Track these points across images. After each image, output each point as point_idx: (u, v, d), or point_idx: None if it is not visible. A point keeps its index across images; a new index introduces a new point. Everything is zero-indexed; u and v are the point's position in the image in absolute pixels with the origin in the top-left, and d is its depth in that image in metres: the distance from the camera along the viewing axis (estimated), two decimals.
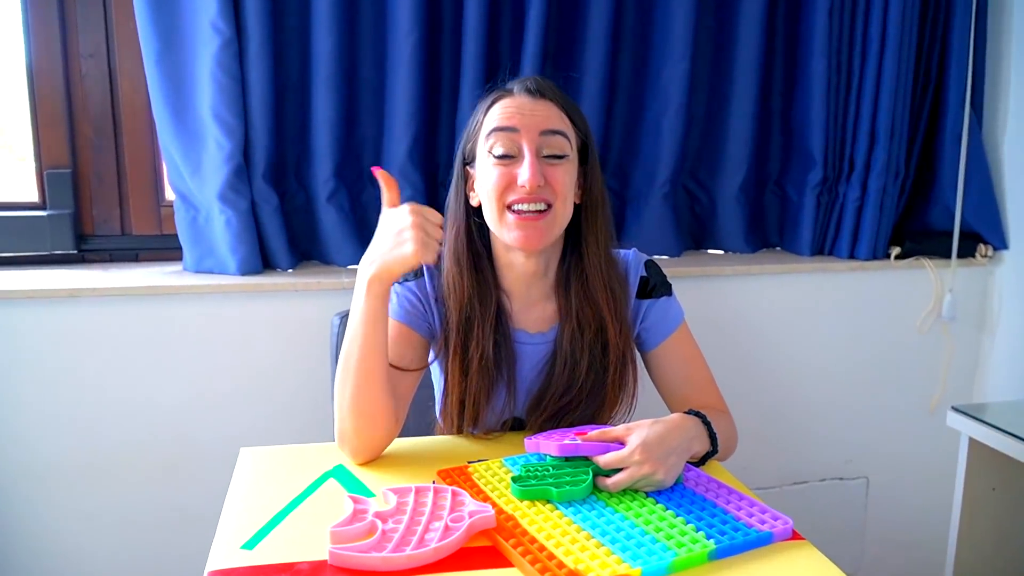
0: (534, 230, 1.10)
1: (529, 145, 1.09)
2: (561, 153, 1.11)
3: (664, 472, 0.96)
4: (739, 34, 1.84)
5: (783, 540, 0.90)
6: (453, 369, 1.15)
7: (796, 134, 1.94)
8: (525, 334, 1.20)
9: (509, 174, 1.10)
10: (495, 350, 1.15)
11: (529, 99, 1.12)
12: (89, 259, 1.77)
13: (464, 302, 1.15)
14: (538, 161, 1.09)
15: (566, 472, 0.98)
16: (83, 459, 1.62)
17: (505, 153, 1.10)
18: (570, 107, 1.16)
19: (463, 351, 1.14)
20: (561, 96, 1.16)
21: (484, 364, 1.14)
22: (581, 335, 1.17)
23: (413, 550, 0.82)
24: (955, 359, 2.05)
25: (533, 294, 1.21)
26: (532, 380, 1.20)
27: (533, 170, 1.07)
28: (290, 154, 1.72)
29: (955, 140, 1.92)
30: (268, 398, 1.68)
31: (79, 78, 1.71)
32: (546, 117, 1.11)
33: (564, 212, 1.13)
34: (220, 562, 0.83)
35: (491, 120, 1.13)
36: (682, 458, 1.00)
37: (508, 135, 1.10)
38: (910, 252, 1.96)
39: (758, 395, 1.96)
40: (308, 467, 1.06)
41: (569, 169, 1.13)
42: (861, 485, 2.07)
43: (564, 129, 1.12)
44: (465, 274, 1.15)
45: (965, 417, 1.45)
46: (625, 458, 0.96)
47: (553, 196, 1.10)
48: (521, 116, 1.10)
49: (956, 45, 1.89)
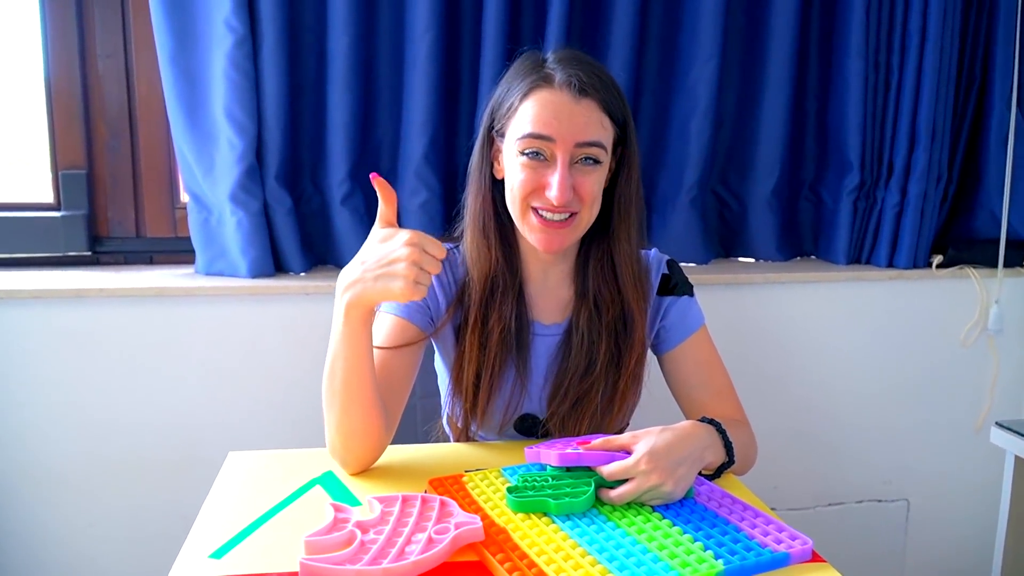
0: (556, 236, 1.05)
1: (563, 156, 1.02)
2: (596, 159, 1.04)
3: (673, 483, 0.89)
4: (771, 32, 1.76)
5: (801, 562, 0.82)
6: (472, 341, 1.09)
7: (831, 136, 1.85)
8: (540, 325, 1.15)
9: (537, 179, 1.03)
10: (516, 328, 1.10)
11: (571, 98, 1.02)
12: (103, 261, 1.76)
13: (491, 272, 1.09)
14: (569, 173, 1.02)
15: (566, 483, 0.91)
16: (89, 461, 1.59)
17: (536, 152, 1.03)
18: (612, 100, 1.06)
19: (483, 323, 1.09)
20: (604, 88, 1.05)
21: (504, 340, 1.09)
22: (599, 317, 1.11)
23: (390, 563, 0.76)
24: (1002, 374, 1.92)
25: (550, 280, 1.16)
26: (545, 371, 1.15)
27: (563, 187, 1.01)
28: (304, 155, 1.69)
29: (1001, 142, 1.82)
30: (278, 402, 1.64)
31: (96, 79, 1.70)
32: (585, 124, 1.02)
33: (589, 217, 1.08)
34: (184, 571, 0.77)
35: (526, 114, 1.03)
36: (693, 469, 0.92)
37: (542, 143, 1.02)
38: (953, 261, 1.85)
39: (791, 410, 1.86)
40: (296, 473, 1.01)
41: (600, 177, 1.06)
42: (901, 508, 1.95)
43: (602, 138, 1.04)
44: (494, 244, 1.10)
45: (1010, 433, 1.35)
46: (631, 468, 0.89)
47: (579, 205, 1.05)
48: (559, 123, 1.01)
49: (1001, 41, 1.79)
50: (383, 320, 1.11)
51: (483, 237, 1.11)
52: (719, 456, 0.98)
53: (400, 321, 1.10)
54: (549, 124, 1.01)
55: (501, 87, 1.11)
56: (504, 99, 1.09)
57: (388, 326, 1.10)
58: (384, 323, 1.10)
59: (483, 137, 1.13)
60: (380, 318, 1.11)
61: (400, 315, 1.10)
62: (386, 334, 1.09)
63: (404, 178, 1.69)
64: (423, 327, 1.11)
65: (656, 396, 1.21)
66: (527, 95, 1.04)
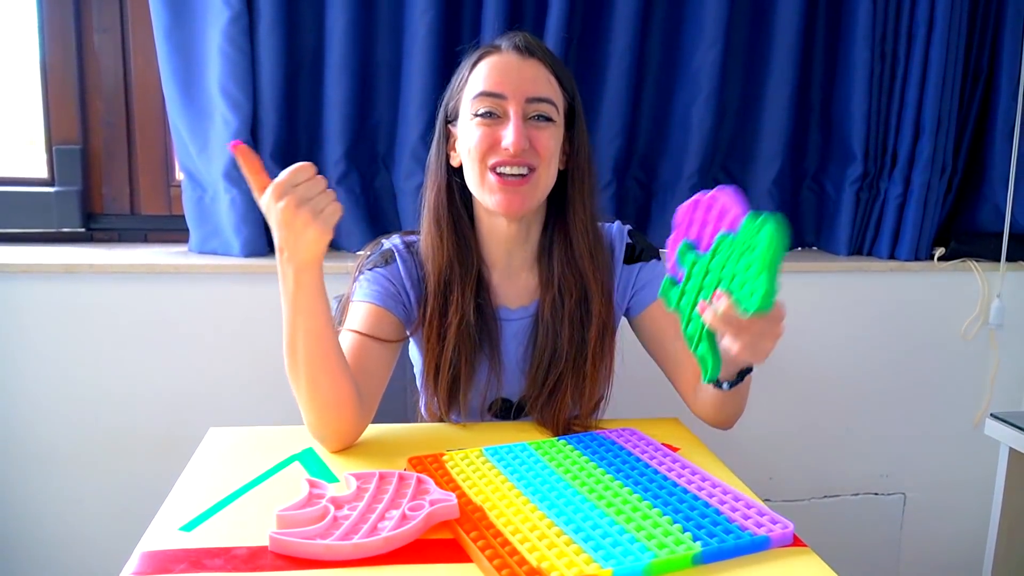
0: (516, 195, 1.05)
1: (516, 108, 1.04)
2: (548, 116, 1.07)
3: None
4: (776, 19, 1.73)
5: (782, 546, 0.80)
6: (429, 335, 1.09)
7: (835, 126, 1.82)
8: (506, 310, 1.14)
9: (492, 135, 1.05)
10: (476, 316, 1.09)
11: (517, 57, 1.07)
12: (97, 238, 1.75)
13: (443, 264, 1.10)
14: (524, 124, 1.04)
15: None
16: (80, 436, 1.59)
17: (490, 111, 1.05)
18: (559, 68, 1.10)
19: (441, 316, 1.08)
20: (550, 55, 1.10)
21: (464, 330, 1.08)
22: (562, 303, 1.11)
23: (361, 538, 0.74)
24: (1002, 369, 1.90)
25: (514, 264, 1.15)
26: (519, 357, 1.14)
27: (518, 133, 1.03)
28: (300, 134, 1.67)
29: (1006, 135, 1.79)
30: (269, 380, 1.63)
31: (92, 53, 1.69)
32: (534, 79, 1.06)
33: (547, 177, 1.08)
34: (153, 543, 0.76)
35: (476, 80, 1.07)
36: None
37: (494, 100, 1.05)
38: (956, 253, 1.83)
39: (789, 402, 1.84)
40: (276, 449, 1.00)
41: (554, 133, 1.08)
42: (898, 501, 1.93)
43: (551, 96, 1.07)
44: (446, 236, 1.10)
45: (1005, 425, 1.32)
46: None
47: (537, 160, 1.06)
48: (508, 80, 1.05)
49: (1008, 33, 1.76)
50: (358, 308, 1.10)
51: (436, 229, 1.11)
52: None
53: (375, 308, 1.09)
54: (499, 83, 1.05)
55: (452, 78, 1.15)
56: (454, 82, 1.13)
57: (363, 314, 1.08)
58: (359, 311, 1.09)
59: (439, 131, 1.15)
60: (355, 307, 1.11)
61: (375, 302, 1.09)
62: (362, 321, 1.07)
63: (400, 160, 1.68)
64: (398, 314, 1.10)
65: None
66: (475, 64, 1.09)
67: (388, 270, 1.12)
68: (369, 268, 1.13)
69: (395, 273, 1.12)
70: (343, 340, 1.06)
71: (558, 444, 1.01)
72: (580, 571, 0.71)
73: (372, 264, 1.14)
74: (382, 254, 1.15)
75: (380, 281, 1.11)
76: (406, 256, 1.14)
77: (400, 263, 1.13)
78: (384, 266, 1.13)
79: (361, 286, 1.11)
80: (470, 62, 1.11)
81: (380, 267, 1.13)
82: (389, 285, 1.10)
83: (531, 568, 0.71)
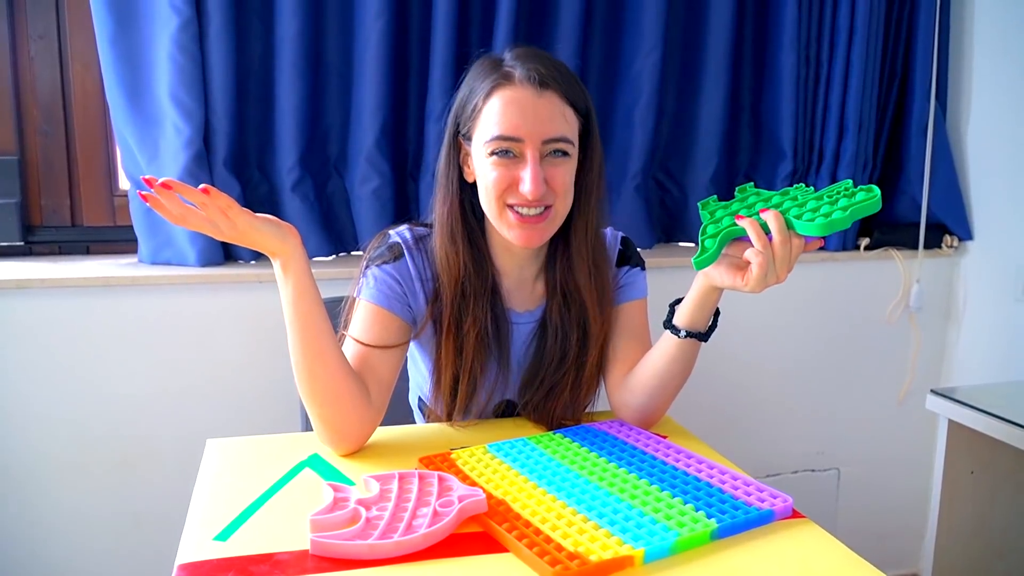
0: (534, 231, 1.06)
1: (533, 153, 1.02)
2: (564, 151, 1.05)
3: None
4: (709, 26, 1.83)
5: (783, 518, 0.87)
6: (447, 347, 1.09)
7: (765, 126, 1.93)
8: (515, 313, 1.16)
9: (510, 176, 1.03)
10: (492, 325, 1.10)
11: (533, 93, 1.02)
12: (37, 251, 1.69)
13: (460, 278, 1.09)
14: (540, 168, 1.03)
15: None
16: (34, 457, 1.53)
17: (505, 151, 1.03)
18: (573, 93, 1.06)
19: (457, 328, 1.09)
20: (564, 80, 1.05)
21: (481, 341, 1.09)
22: (568, 310, 1.14)
23: (401, 536, 0.77)
24: (922, 349, 2.06)
25: (525, 274, 1.17)
26: (521, 358, 1.17)
27: (536, 181, 1.01)
28: (252, 141, 1.66)
29: (921, 132, 1.94)
30: (232, 392, 1.62)
31: (28, 61, 1.63)
32: (550, 118, 1.03)
33: (564, 208, 1.08)
34: (191, 554, 0.77)
35: (491, 115, 1.04)
36: None
37: (511, 143, 1.03)
38: (879, 243, 1.97)
39: (729, 387, 1.94)
40: (279, 457, 1.00)
41: (570, 167, 1.07)
42: (832, 476, 2.07)
43: (567, 133, 1.05)
44: (462, 250, 1.09)
45: (945, 400, 1.45)
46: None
47: (553, 197, 1.05)
48: (524, 122, 1.02)
49: (921, 38, 1.91)
50: (363, 310, 1.09)
51: (451, 243, 1.10)
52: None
53: (380, 311, 1.09)
54: (516, 125, 1.02)
55: (463, 90, 1.11)
56: (467, 101, 1.09)
57: (369, 317, 1.09)
58: (364, 314, 1.09)
59: (449, 142, 1.12)
60: (361, 307, 1.10)
61: (381, 305, 1.09)
62: (366, 324, 1.08)
63: (355, 164, 1.69)
64: (404, 317, 1.10)
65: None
66: (490, 94, 1.05)
67: (396, 267, 1.11)
68: (377, 264, 1.11)
69: (403, 270, 1.11)
70: (347, 343, 1.07)
71: (556, 437, 1.06)
72: (615, 552, 0.76)
73: (380, 259, 1.12)
74: (390, 248, 1.12)
75: (387, 280, 1.10)
76: (415, 252, 1.13)
77: (409, 259, 1.12)
78: (393, 262, 1.11)
79: (369, 284, 1.10)
80: (484, 87, 1.05)
81: (388, 263, 1.11)
82: (396, 285, 1.10)
83: (569, 553, 0.75)
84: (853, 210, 0.91)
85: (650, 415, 1.13)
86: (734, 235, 0.97)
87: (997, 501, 1.51)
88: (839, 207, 0.92)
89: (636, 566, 0.76)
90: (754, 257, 0.93)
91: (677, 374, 1.09)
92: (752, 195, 1.00)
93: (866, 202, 0.91)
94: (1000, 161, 1.92)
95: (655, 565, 0.77)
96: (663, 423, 1.17)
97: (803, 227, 0.92)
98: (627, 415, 1.14)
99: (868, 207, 0.91)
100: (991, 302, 1.95)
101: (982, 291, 1.98)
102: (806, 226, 0.92)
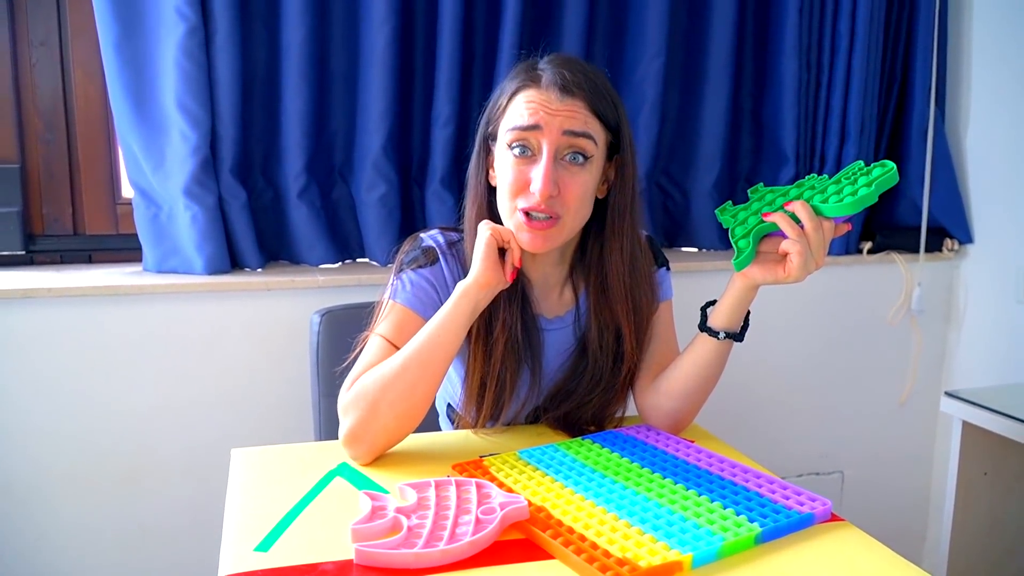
0: (539, 236, 1.04)
1: (549, 146, 1.02)
2: (583, 153, 1.04)
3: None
4: (711, 32, 1.84)
5: (823, 521, 0.87)
6: (476, 352, 1.08)
7: (767, 131, 1.95)
8: (544, 319, 1.15)
9: (524, 176, 1.03)
10: (523, 332, 1.09)
11: (557, 96, 1.02)
12: (38, 260, 1.67)
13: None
14: (554, 167, 1.02)
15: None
16: (37, 469, 1.51)
17: (523, 148, 1.03)
18: (601, 103, 1.05)
19: (487, 333, 1.09)
20: (593, 89, 1.04)
21: (511, 346, 1.08)
22: (600, 334, 1.13)
23: (447, 545, 0.76)
24: (924, 351, 2.07)
25: (551, 281, 1.16)
26: (556, 369, 1.15)
27: (546, 180, 1.01)
28: (258, 148, 1.65)
29: (921, 136, 1.96)
30: (241, 402, 1.60)
31: (29, 67, 1.61)
32: (572, 116, 1.02)
33: (573, 222, 1.06)
34: (233, 565, 0.75)
35: (514, 112, 1.04)
36: None
37: (529, 133, 1.02)
38: (880, 247, 1.98)
39: (733, 391, 1.93)
40: (307, 466, 0.99)
41: (586, 178, 1.05)
42: (837, 479, 2.08)
43: (590, 131, 1.03)
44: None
45: (959, 401, 1.46)
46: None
47: (563, 208, 1.04)
48: (545, 114, 1.02)
49: (920, 43, 1.93)
50: (396, 313, 1.08)
51: None
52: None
53: (414, 316, 1.08)
54: (535, 114, 1.02)
55: (495, 93, 1.12)
56: (496, 102, 1.09)
57: (401, 320, 1.07)
58: (397, 316, 1.08)
59: (479, 144, 1.12)
60: (394, 309, 1.09)
61: (415, 310, 1.08)
62: (399, 327, 1.07)
63: (361, 171, 1.68)
64: None
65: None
66: (515, 93, 1.05)
67: (432, 271, 1.10)
68: (412, 268, 1.11)
69: (438, 274, 1.11)
70: (378, 346, 1.06)
71: (586, 443, 1.05)
72: (664, 558, 0.75)
73: (415, 263, 1.11)
74: (424, 251, 1.12)
75: (421, 284, 1.09)
76: (449, 256, 1.12)
77: (443, 262, 1.12)
78: (428, 266, 1.11)
79: (403, 287, 1.09)
80: (512, 87, 1.07)
81: (423, 267, 1.10)
82: (430, 289, 1.09)
83: (618, 559, 0.75)
84: (877, 184, 0.93)
85: (682, 419, 1.13)
86: (764, 232, 1.00)
87: (1010, 501, 1.52)
88: (861, 184, 0.94)
89: (685, 571, 0.76)
90: (792, 247, 0.95)
91: (711, 377, 1.10)
92: (768, 192, 1.03)
93: (885, 175, 0.93)
94: (999, 165, 1.95)
95: (703, 570, 0.76)
96: (689, 428, 1.17)
97: (832, 209, 0.95)
98: (657, 419, 1.13)
99: (888, 180, 0.94)
100: (991, 305, 1.97)
101: (982, 294, 2.00)
102: (836, 207, 0.94)
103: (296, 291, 1.60)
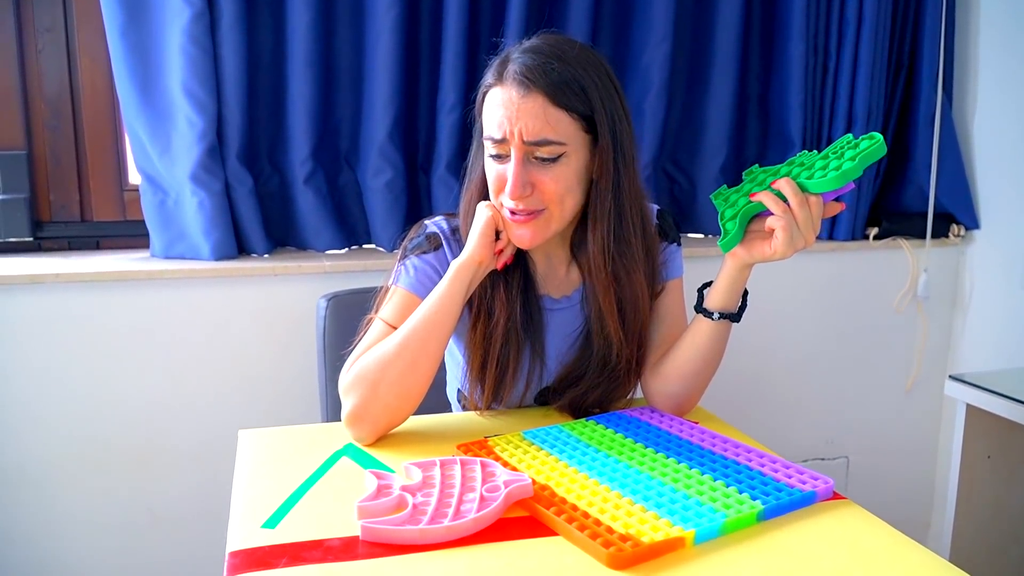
0: (526, 229, 1.04)
1: (516, 152, 1.01)
2: (550, 157, 1.01)
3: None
4: (718, 17, 1.83)
5: (825, 500, 0.87)
6: (477, 332, 1.09)
7: (774, 117, 1.94)
8: (550, 299, 1.15)
9: (502, 176, 1.03)
10: (523, 314, 1.10)
11: (518, 93, 0.99)
12: (46, 247, 1.67)
13: (483, 266, 1.08)
14: (525, 168, 1.01)
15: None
16: (46, 455, 1.52)
17: (497, 153, 1.03)
18: (563, 92, 0.99)
19: (488, 316, 1.09)
20: (556, 79, 0.99)
21: (511, 329, 1.09)
22: (599, 316, 1.12)
23: (451, 521, 0.77)
24: (929, 337, 2.07)
25: (554, 260, 1.16)
26: (565, 350, 1.15)
27: (515, 184, 1.01)
28: (264, 134, 1.65)
29: (928, 122, 1.95)
30: (249, 387, 1.61)
31: (35, 54, 1.61)
32: (532, 121, 0.99)
33: (562, 211, 1.05)
34: (241, 542, 0.76)
35: (487, 115, 1.04)
36: None
37: (497, 144, 1.02)
38: (887, 233, 1.98)
39: (739, 377, 1.95)
40: (313, 446, 1.00)
41: (562, 169, 1.02)
42: (842, 465, 2.08)
43: (549, 135, 0.99)
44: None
45: (963, 385, 1.46)
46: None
47: (545, 202, 1.03)
48: (508, 122, 1.00)
49: (928, 28, 1.92)
50: (400, 297, 1.09)
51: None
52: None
53: (416, 300, 1.08)
54: (500, 125, 1.01)
55: (479, 85, 1.10)
56: (477, 95, 1.09)
57: (404, 303, 1.08)
58: (401, 301, 1.09)
59: (476, 132, 1.12)
60: (398, 294, 1.10)
61: (417, 294, 1.08)
62: (403, 312, 1.07)
63: (367, 157, 1.68)
64: None
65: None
66: (486, 93, 1.05)
67: (435, 256, 1.11)
68: (416, 254, 1.12)
69: (442, 259, 1.11)
70: (380, 329, 1.06)
71: (589, 424, 1.05)
72: (666, 534, 0.76)
73: (419, 249, 1.12)
74: (429, 238, 1.13)
75: (424, 270, 1.10)
76: (452, 242, 1.13)
77: (447, 248, 1.12)
78: (432, 251, 1.11)
79: (408, 272, 1.10)
80: (484, 87, 1.06)
81: (427, 253, 1.11)
82: (434, 274, 1.10)
83: (621, 535, 0.75)
84: (861, 157, 0.93)
85: (685, 402, 1.13)
86: (753, 213, 1.00)
87: (1014, 485, 1.52)
88: (847, 159, 0.95)
89: (687, 547, 0.76)
90: (776, 223, 0.96)
91: (711, 359, 1.10)
92: (760, 173, 1.04)
93: (871, 148, 0.94)
94: (1006, 151, 1.94)
95: (705, 546, 0.77)
96: (693, 411, 1.17)
97: (816, 185, 0.95)
98: (661, 402, 1.14)
99: (874, 153, 0.94)
100: (997, 290, 1.97)
101: (989, 279, 1.99)
102: (819, 183, 0.95)
103: (303, 276, 1.61)
